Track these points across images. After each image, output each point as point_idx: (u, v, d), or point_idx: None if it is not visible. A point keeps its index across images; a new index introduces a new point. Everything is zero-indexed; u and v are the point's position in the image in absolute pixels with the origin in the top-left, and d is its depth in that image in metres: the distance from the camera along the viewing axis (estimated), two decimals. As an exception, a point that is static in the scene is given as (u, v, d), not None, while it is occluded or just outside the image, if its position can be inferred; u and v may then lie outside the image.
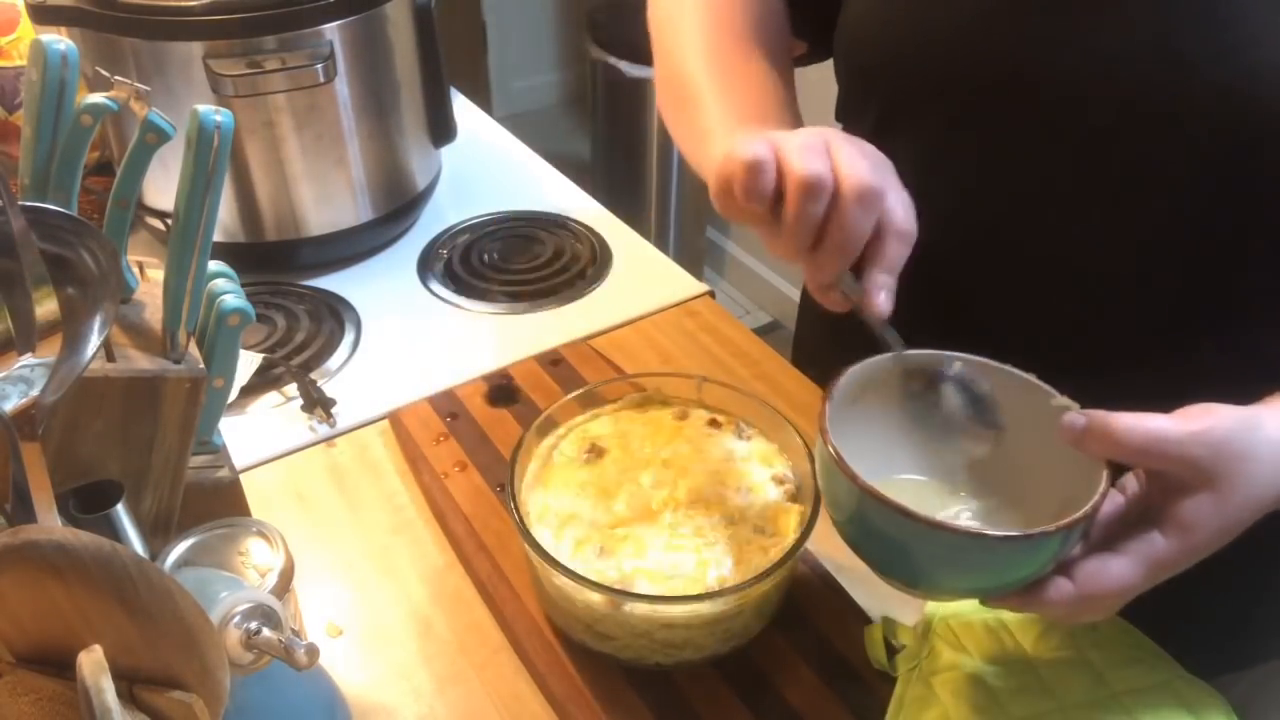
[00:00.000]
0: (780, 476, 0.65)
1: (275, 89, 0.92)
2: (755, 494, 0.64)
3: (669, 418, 0.70)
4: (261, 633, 0.49)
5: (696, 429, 0.69)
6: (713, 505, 0.63)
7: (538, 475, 0.66)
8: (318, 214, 1.01)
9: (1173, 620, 0.68)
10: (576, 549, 0.61)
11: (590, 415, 0.70)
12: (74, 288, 0.48)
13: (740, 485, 0.64)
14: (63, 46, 0.55)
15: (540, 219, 1.15)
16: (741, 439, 0.68)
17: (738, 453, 0.67)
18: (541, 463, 0.67)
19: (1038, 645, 0.62)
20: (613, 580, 0.58)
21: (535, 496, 0.64)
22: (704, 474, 0.65)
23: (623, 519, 0.62)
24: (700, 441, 0.68)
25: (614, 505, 0.63)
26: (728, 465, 0.66)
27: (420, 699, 0.64)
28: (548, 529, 0.62)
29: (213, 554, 0.55)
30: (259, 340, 0.94)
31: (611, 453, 0.67)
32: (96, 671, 0.39)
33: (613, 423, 0.69)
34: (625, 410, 0.71)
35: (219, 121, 0.52)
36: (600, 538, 0.61)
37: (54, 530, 0.39)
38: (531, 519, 0.62)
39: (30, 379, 0.46)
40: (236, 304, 0.58)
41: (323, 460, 0.82)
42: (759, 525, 0.62)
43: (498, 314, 1.00)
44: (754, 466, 0.66)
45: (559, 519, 0.62)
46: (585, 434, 0.68)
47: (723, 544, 0.61)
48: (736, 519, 0.62)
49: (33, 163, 0.56)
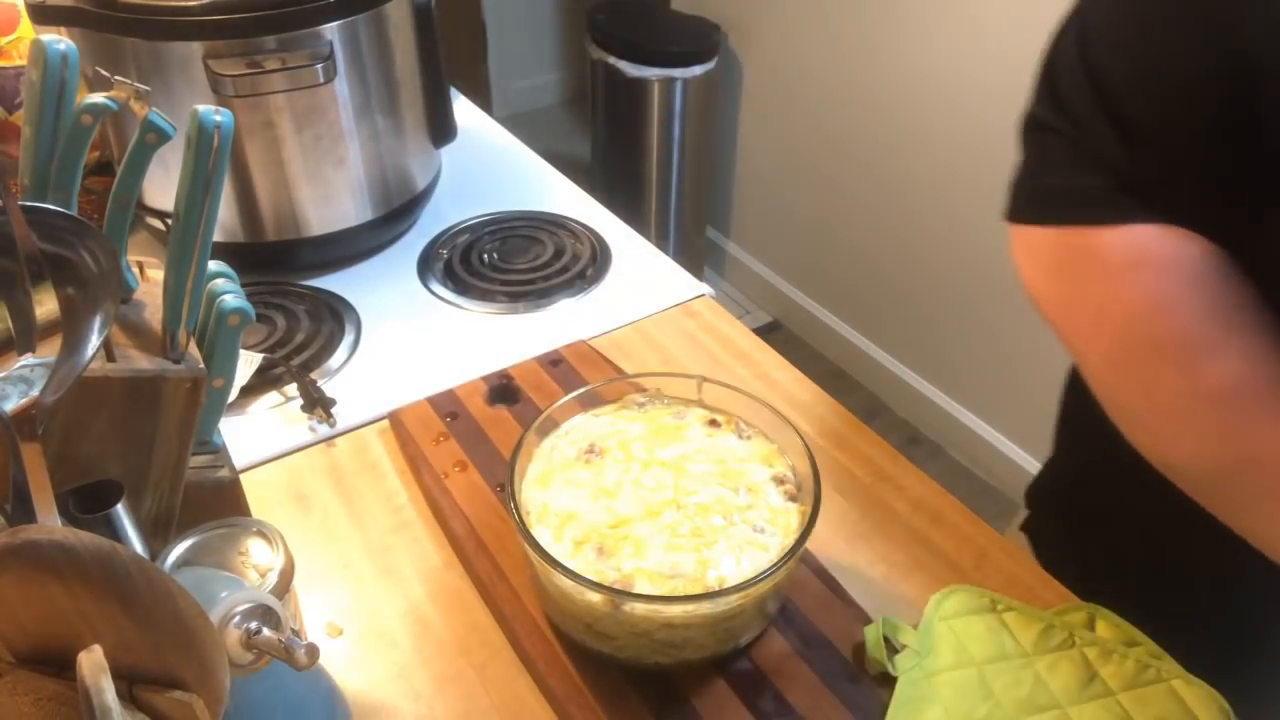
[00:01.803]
0: (780, 476, 0.65)
1: (275, 89, 0.92)
2: (755, 494, 0.64)
3: (669, 417, 0.70)
4: (261, 633, 0.49)
5: (696, 429, 0.69)
6: (712, 505, 0.63)
7: (538, 475, 0.66)
8: (318, 214, 1.01)
9: (1171, 618, 0.69)
10: (576, 549, 0.61)
11: (590, 415, 0.70)
12: (74, 288, 0.48)
13: (740, 485, 0.64)
14: (63, 46, 0.55)
15: (540, 219, 1.15)
16: (741, 439, 0.68)
17: (738, 453, 0.67)
18: (542, 463, 0.67)
19: (1037, 645, 0.62)
20: (613, 580, 0.58)
21: (535, 496, 0.64)
22: (704, 474, 0.65)
23: (623, 519, 0.62)
24: (700, 441, 0.68)
25: (614, 505, 0.63)
26: (727, 465, 0.66)
27: (420, 699, 0.64)
28: (547, 529, 0.62)
29: (213, 554, 0.55)
30: (259, 340, 0.94)
31: (611, 453, 0.67)
32: (96, 671, 0.38)
33: (612, 423, 0.69)
34: (625, 410, 0.71)
35: (219, 121, 0.52)
36: (600, 538, 0.61)
37: (54, 530, 0.39)
38: (531, 519, 0.62)
39: (30, 379, 0.46)
40: (236, 304, 0.58)
41: (323, 460, 0.82)
42: (759, 525, 0.62)
43: (498, 314, 1.00)
44: (754, 466, 0.66)
45: (559, 519, 0.62)
46: (585, 434, 0.68)
47: (723, 544, 0.61)
48: (737, 519, 0.62)
49: (33, 163, 0.56)
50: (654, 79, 2.43)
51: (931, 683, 0.60)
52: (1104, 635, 0.64)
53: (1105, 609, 0.65)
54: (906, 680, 0.60)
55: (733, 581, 0.58)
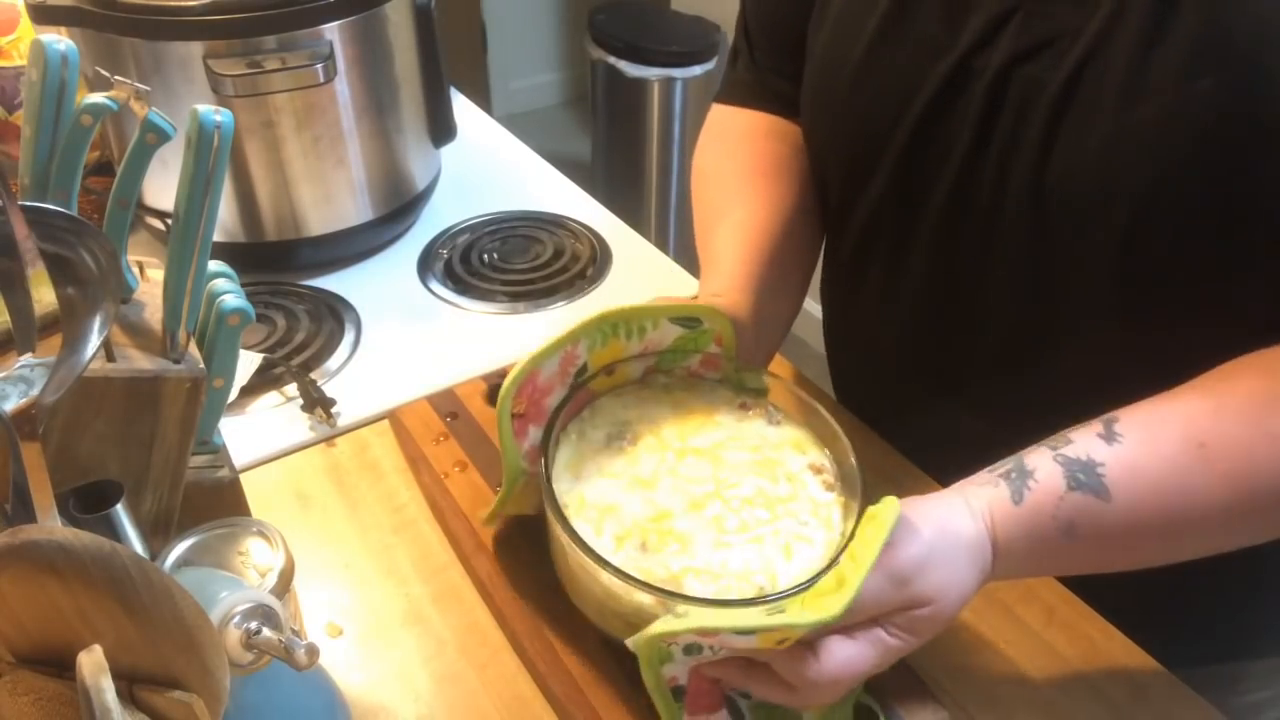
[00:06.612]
0: (817, 465, 0.63)
1: (275, 89, 0.92)
2: (795, 484, 0.61)
3: (695, 399, 0.67)
4: (261, 633, 0.49)
5: (726, 413, 0.66)
6: (755, 498, 0.60)
7: (567, 462, 0.62)
8: (318, 214, 1.01)
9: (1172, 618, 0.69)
10: (618, 545, 0.57)
11: (613, 395, 0.67)
12: (74, 288, 0.48)
13: (779, 474, 0.62)
14: (63, 46, 0.55)
15: (540, 219, 1.15)
16: (772, 424, 0.66)
17: (770, 439, 0.65)
18: (569, 449, 0.63)
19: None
20: (660, 580, 0.55)
21: (567, 486, 0.61)
22: (741, 463, 0.62)
23: (663, 512, 0.59)
24: (732, 427, 0.65)
25: (653, 497, 0.60)
26: (764, 453, 0.63)
27: (420, 699, 0.64)
28: (587, 523, 0.58)
29: (213, 554, 0.55)
30: (259, 340, 0.94)
31: (644, 439, 0.64)
32: (96, 671, 0.38)
33: (638, 403, 0.66)
34: (648, 389, 0.68)
35: (219, 121, 0.52)
36: (643, 533, 0.58)
37: (54, 530, 0.39)
38: (570, 512, 0.59)
39: (30, 379, 0.46)
40: (236, 304, 0.58)
41: (323, 460, 0.82)
42: (803, 519, 0.59)
43: (498, 314, 1.00)
44: (788, 454, 0.63)
45: (598, 512, 0.59)
46: (611, 417, 0.65)
47: (770, 541, 0.58)
48: (781, 511, 0.60)
49: (33, 163, 0.56)
50: (654, 79, 2.43)
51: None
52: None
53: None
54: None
55: (785, 581, 0.56)
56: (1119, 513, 0.53)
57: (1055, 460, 0.54)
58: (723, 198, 0.79)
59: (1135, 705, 0.62)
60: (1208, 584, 0.67)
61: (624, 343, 0.65)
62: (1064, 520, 0.53)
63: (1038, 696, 0.63)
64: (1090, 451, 0.54)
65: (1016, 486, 0.54)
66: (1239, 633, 0.77)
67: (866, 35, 0.67)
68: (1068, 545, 0.54)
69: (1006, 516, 0.53)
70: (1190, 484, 0.53)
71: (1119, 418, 0.55)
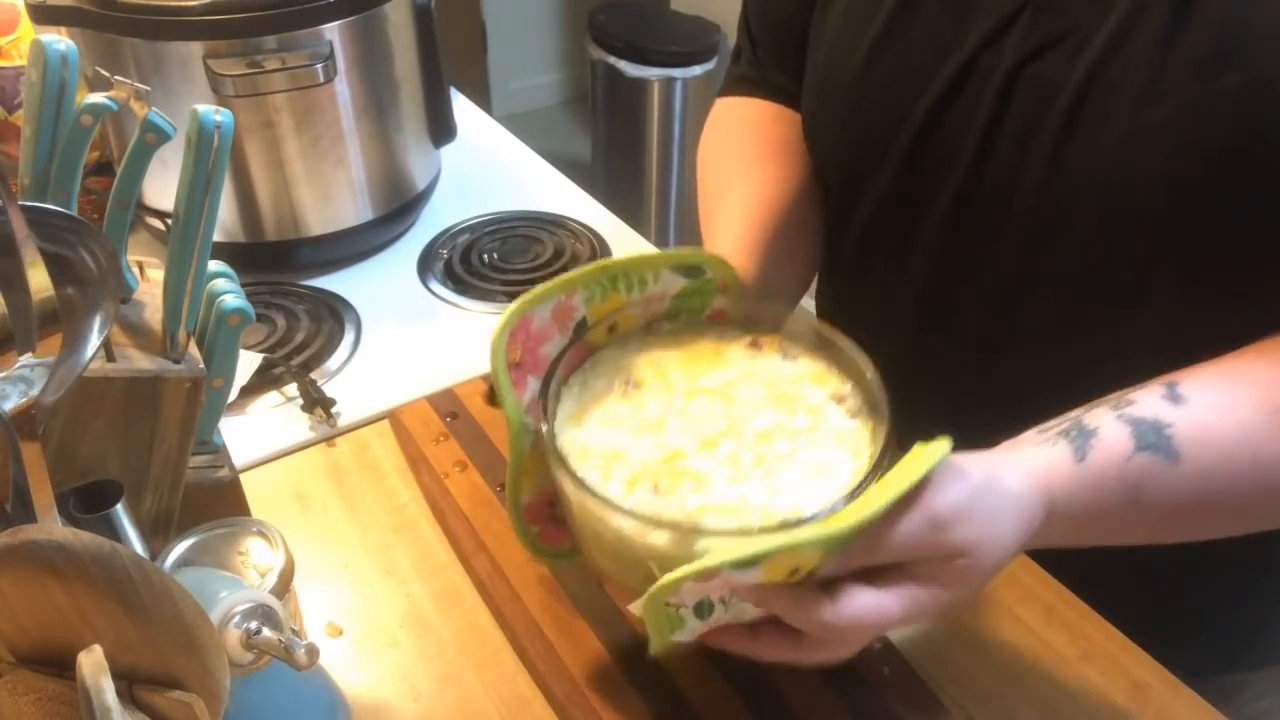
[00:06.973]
0: (839, 394, 0.59)
1: (275, 89, 0.92)
2: (815, 415, 0.58)
3: (704, 341, 0.64)
4: (261, 633, 0.49)
5: (737, 351, 0.63)
6: (773, 431, 0.57)
7: (570, 415, 0.59)
8: (318, 214, 1.01)
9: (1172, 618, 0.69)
10: (629, 489, 0.54)
11: (616, 345, 0.64)
12: (74, 288, 0.48)
13: (797, 408, 0.58)
14: (63, 46, 0.55)
15: (540, 219, 1.15)
16: (787, 359, 0.62)
17: (786, 374, 0.61)
18: (571, 401, 0.60)
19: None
20: (678, 520, 0.52)
21: (571, 437, 0.58)
22: (755, 399, 0.59)
23: (674, 452, 0.56)
24: (744, 365, 0.62)
25: (662, 439, 0.57)
26: (780, 388, 0.60)
27: (420, 699, 0.64)
28: (593, 470, 0.55)
29: (213, 554, 0.55)
30: (259, 340, 0.94)
31: (648, 383, 0.60)
32: (96, 671, 0.39)
33: (642, 349, 0.63)
34: (653, 336, 0.64)
35: (219, 121, 0.52)
36: (654, 475, 0.55)
37: (54, 530, 0.39)
38: (571, 462, 0.55)
39: (30, 379, 0.46)
40: (236, 304, 0.58)
41: (323, 460, 0.82)
42: (827, 449, 0.56)
43: (498, 314, 1.00)
44: (806, 387, 0.60)
45: (603, 458, 0.56)
46: (614, 365, 0.62)
47: (791, 472, 0.55)
48: (802, 444, 0.56)
49: (33, 163, 0.56)
50: (654, 79, 2.43)
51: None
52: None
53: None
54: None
55: (809, 511, 0.51)
56: (1188, 478, 0.50)
57: (1120, 419, 0.51)
58: (728, 175, 0.78)
59: (1135, 705, 0.62)
60: (1208, 583, 0.68)
61: (624, 296, 0.63)
62: (1131, 482, 0.50)
63: (1038, 696, 0.63)
64: (1158, 412, 0.51)
65: (1079, 445, 0.50)
66: (1239, 631, 0.77)
67: (871, 33, 0.66)
68: (1133, 509, 0.51)
69: (1069, 476, 0.50)
70: (1265, 451, 0.50)
71: (1180, 380, 0.52)
